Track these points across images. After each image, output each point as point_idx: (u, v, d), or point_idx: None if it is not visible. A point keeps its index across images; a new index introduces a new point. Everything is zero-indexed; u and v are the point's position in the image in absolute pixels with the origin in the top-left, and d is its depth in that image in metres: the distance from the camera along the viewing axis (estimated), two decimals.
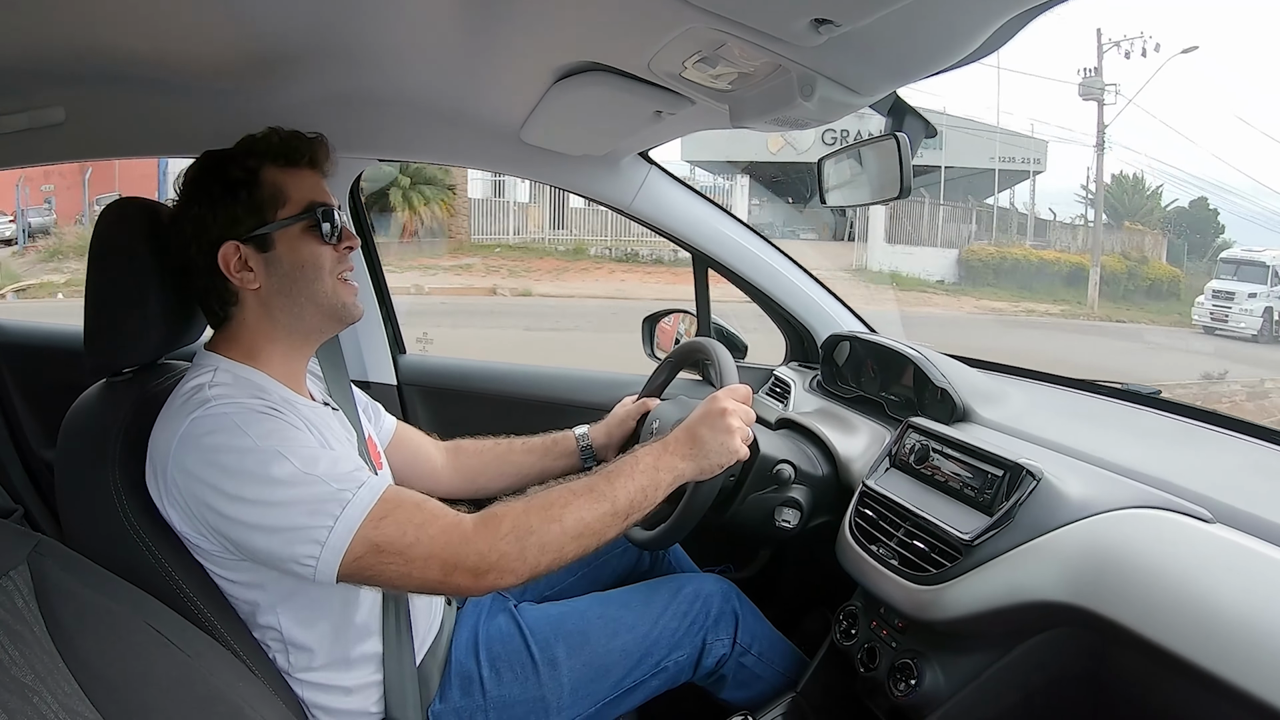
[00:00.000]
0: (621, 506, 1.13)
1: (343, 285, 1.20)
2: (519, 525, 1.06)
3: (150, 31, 1.26)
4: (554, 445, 1.60)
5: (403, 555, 1.01)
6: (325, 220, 1.17)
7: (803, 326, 2.04)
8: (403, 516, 1.02)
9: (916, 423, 1.37)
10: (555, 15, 1.09)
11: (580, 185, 1.92)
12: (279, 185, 1.16)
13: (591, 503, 1.11)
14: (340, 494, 1.00)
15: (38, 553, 0.93)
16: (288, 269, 1.16)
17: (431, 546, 1.02)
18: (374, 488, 1.03)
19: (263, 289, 1.16)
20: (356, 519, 0.99)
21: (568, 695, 1.27)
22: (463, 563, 1.02)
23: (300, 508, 0.99)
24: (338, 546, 0.98)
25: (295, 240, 1.16)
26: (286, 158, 1.17)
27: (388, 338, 2.11)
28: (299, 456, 1.02)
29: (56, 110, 1.56)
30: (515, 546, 1.04)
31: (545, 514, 1.08)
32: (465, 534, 1.04)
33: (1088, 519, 1.03)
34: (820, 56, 0.96)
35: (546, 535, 1.06)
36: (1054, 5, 0.85)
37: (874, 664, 1.26)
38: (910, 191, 1.26)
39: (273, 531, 0.99)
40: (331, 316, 1.21)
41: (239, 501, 0.99)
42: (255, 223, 1.14)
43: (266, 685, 1.07)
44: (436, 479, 1.57)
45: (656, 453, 1.21)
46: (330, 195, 1.22)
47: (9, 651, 0.83)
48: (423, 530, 1.02)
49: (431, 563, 1.02)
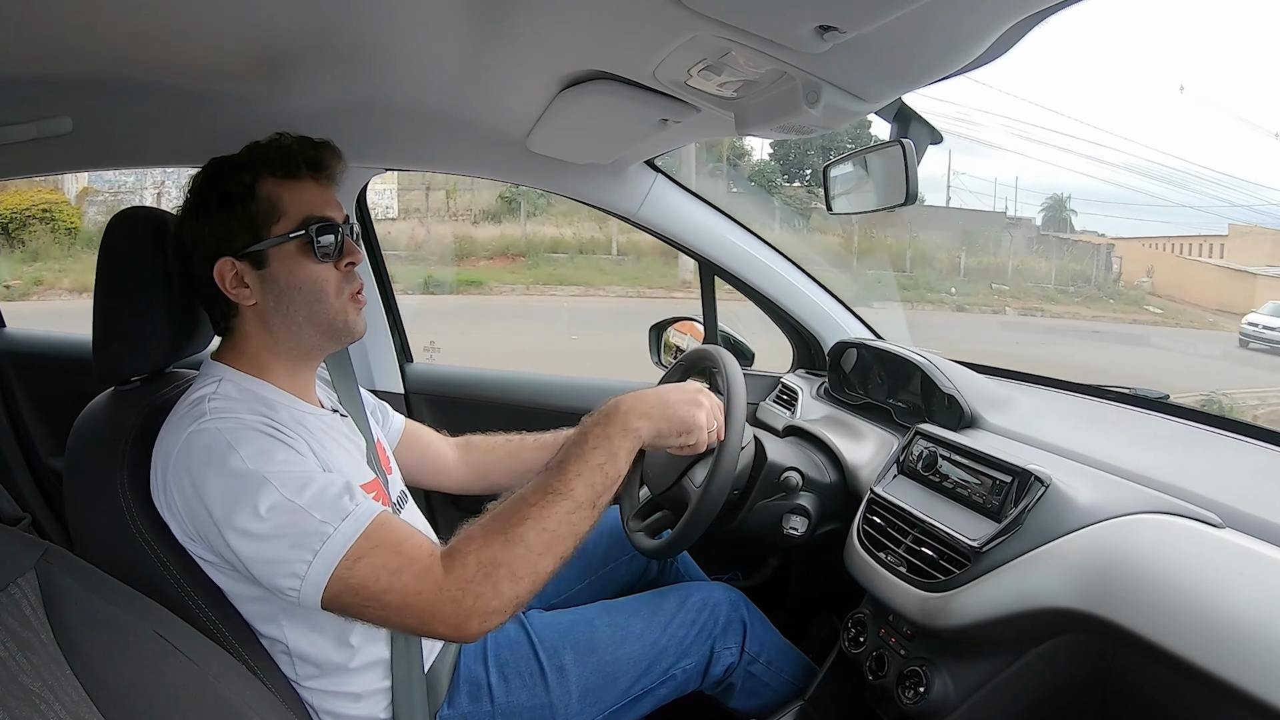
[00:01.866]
0: (583, 497, 1.07)
1: (351, 304, 1.18)
2: (484, 560, 1.00)
3: (157, 39, 1.27)
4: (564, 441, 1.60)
5: (378, 601, 0.98)
6: (322, 236, 1.14)
7: (809, 333, 2.04)
8: (378, 560, 0.98)
9: (924, 429, 1.37)
10: (561, 24, 1.09)
11: (586, 194, 1.92)
12: (274, 199, 1.13)
13: (549, 507, 1.05)
14: (322, 528, 0.98)
15: (45, 560, 0.93)
16: (284, 288, 1.14)
17: (405, 595, 0.98)
18: (358, 520, 1.00)
19: (259, 306, 1.14)
20: (334, 557, 0.97)
21: (576, 703, 1.27)
22: (439, 614, 0.99)
23: (283, 541, 0.98)
24: (317, 581, 0.97)
25: (291, 258, 1.13)
26: (284, 169, 1.14)
27: (395, 347, 2.12)
28: (287, 484, 1.00)
29: (64, 120, 1.56)
30: (488, 585, 0.99)
31: (505, 539, 1.02)
32: (437, 581, 0.99)
33: (1096, 525, 1.03)
34: (825, 63, 0.97)
35: (514, 563, 1.01)
36: (1060, 9, 0.85)
37: (882, 671, 1.25)
38: (916, 198, 1.26)
39: (256, 561, 0.99)
40: (331, 337, 1.19)
41: (228, 527, 0.99)
42: (250, 239, 1.12)
43: (274, 693, 1.07)
44: (448, 475, 1.57)
45: (606, 417, 1.15)
46: (333, 207, 1.18)
47: (16, 659, 0.83)
48: (396, 577, 0.98)
49: (408, 613, 0.99)
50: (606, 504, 1.11)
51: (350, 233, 1.19)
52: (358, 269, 1.20)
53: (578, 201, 1.94)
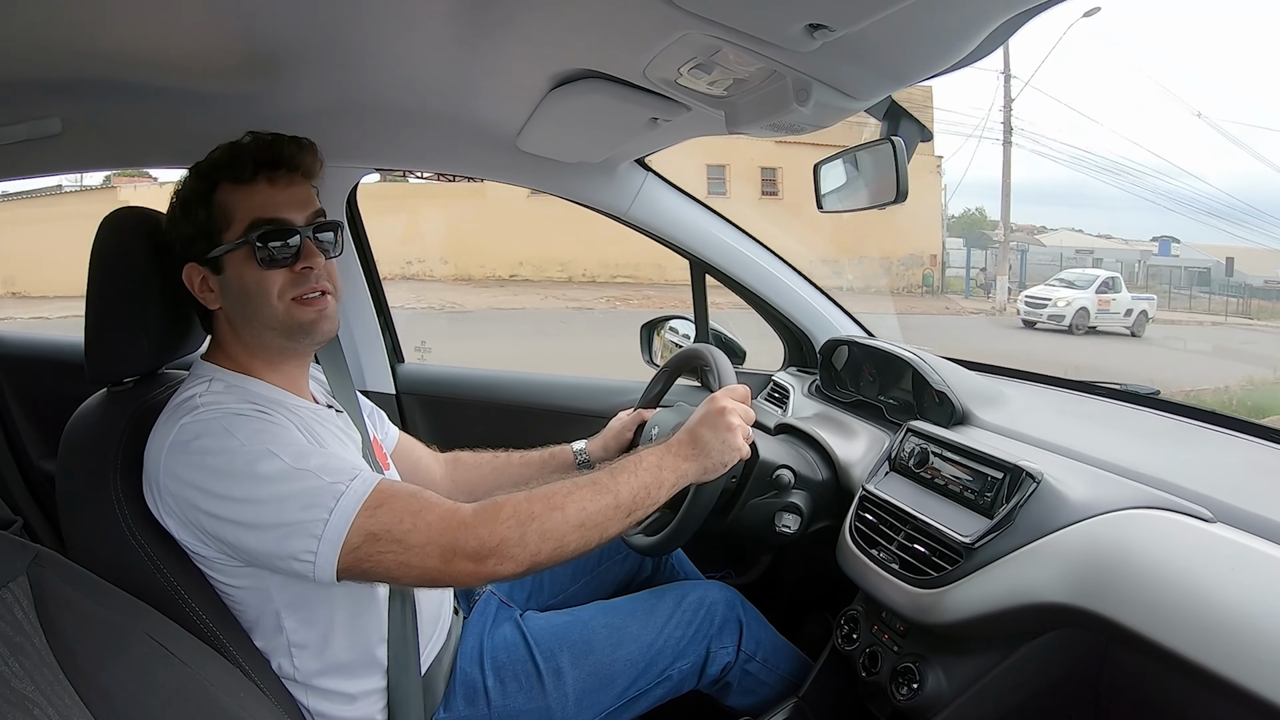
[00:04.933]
0: (625, 500, 1.11)
1: (297, 306, 1.14)
2: (520, 511, 1.04)
3: (146, 40, 1.26)
4: (551, 459, 1.59)
5: (400, 542, 0.99)
6: (270, 241, 1.11)
7: (800, 331, 2.05)
8: (399, 505, 1.01)
9: (916, 426, 1.37)
10: (551, 23, 1.09)
11: (577, 192, 1.92)
12: (227, 205, 1.12)
13: (594, 494, 1.09)
14: (334, 486, 0.99)
15: (37, 564, 0.92)
16: (236, 293, 1.13)
17: (429, 533, 1.00)
18: (367, 479, 1.02)
19: (224, 309, 1.16)
20: (352, 509, 0.98)
21: (572, 705, 1.26)
22: (462, 548, 1.01)
23: (294, 502, 0.98)
24: (334, 539, 0.97)
25: (240, 264, 1.12)
26: (235, 173, 1.13)
27: (386, 347, 2.12)
28: (289, 453, 1.01)
29: (53, 121, 1.55)
30: (516, 532, 1.02)
31: (547, 502, 1.06)
32: (464, 520, 1.02)
33: (1088, 520, 1.03)
34: (815, 61, 0.97)
35: (548, 522, 1.05)
36: (1048, 7, 0.85)
37: (876, 668, 1.25)
38: (907, 196, 1.26)
39: (266, 529, 0.98)
40: (289, 337, 1.16)
41: (230, 501, 0.99)
42: (207, 246, 1.13)
43: (268, 695, 1.07)
44: (435, 490, 1.57)
45: (659, 453, 1.19)
46: (291, 208, 1.14)
47: (9, 663, 0.82)
48: (419, 517, 1.01)
49: (430, 549, 1.00)
50: (638, 520, 1.15)
51: (324, 230, 1.17)
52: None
53: (569, 200, 1.94)
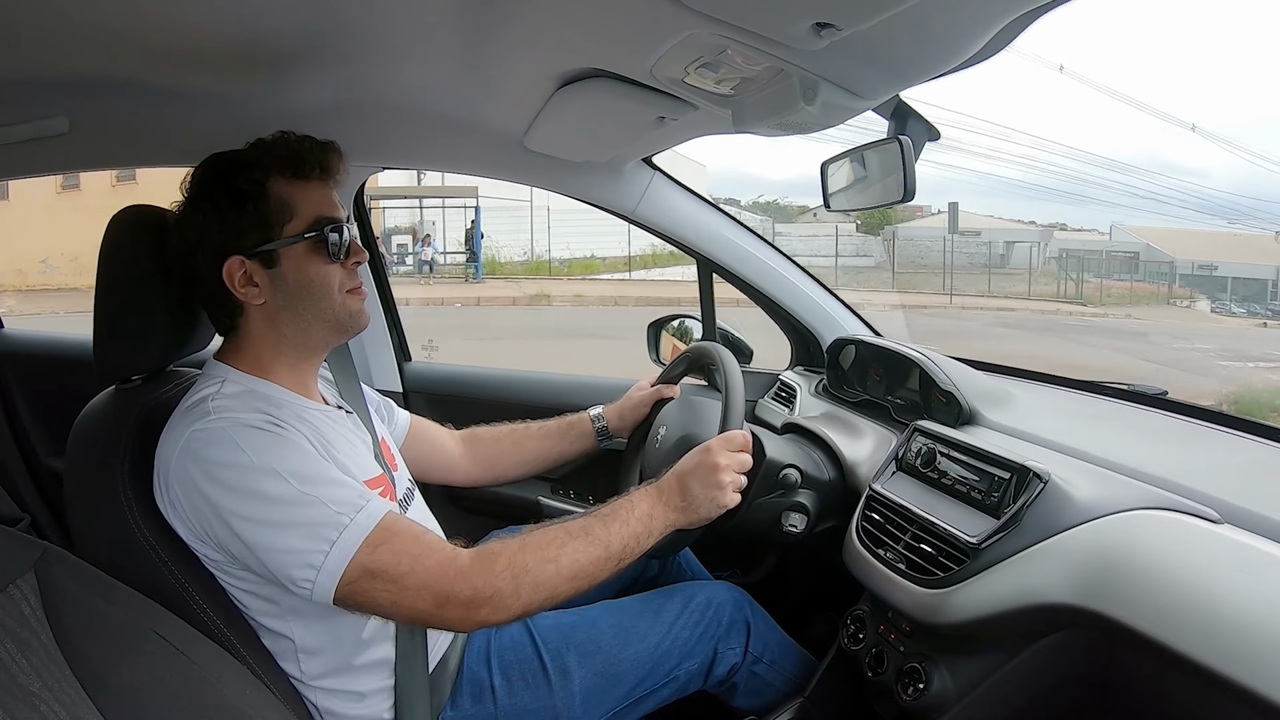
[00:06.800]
0: (615, 551, 1.15)
1: (351, 297, 1.19)
2: (515, 563, 1.06)
3: (153, 39, 1.26)
4: (569, 428, 1.61)
5: (396, 583, 1.01)
6: (334, 236, 1.15)
7: (807, 330, 2.04)
8: (399, 546, 1.02)
9: (923, 426, 1.37)
10: (558, 22, 1.09)
11: (584, 192, 1.92)
12: (286, 199, 1.13)
13: (586, 546, 1.12)
14: (338, 518, 1.00)
15: (44, 561, 0.93)
16: (293, 287, 1.14)
17: (426, 577, 1.02)
18: (372, 513, 1.02)
19: (268, 304, 1.15)
20: (353, 545, 0.99)
21: (579, 705, 1.26)
22: (456, 596, 1.02)
23: (297, 531, 0.99)
24: (333, 571, 0.99)
25: (301, 258, 1.14)
26: (295, 169, 1.14)
27: (393, 345, 2.12)
28: (297, 475, 1.01)
29: (60, 120, 1.56)
30: (510, 584, 1.05)
31: (541, 554, 1.08)
32: (461, 568, 1.04)
33: (1095, 521, 1.03)
34: (822, 60, 0.96)
35: (541, 575, 1.07)
36: (1056, 6, 0.85)
37: (882, 668, 1.25)
38: (914, 195, 1.25)
39: (270, 552, 1.00)
40: (339, 330, 1.20)
41: (237, 519, 1.00)
42: (260, 238, 1.12)
43: (276, 694, 1.07)
44: (454, 469, 1.58)
45: (651, 501, 1.22)
46: (339, 207, 1.18)
47: (16, 660, 0.83)
48: (419, 561, 1.02)
49: (424, 593, 1.02)
50: (626, 565, 1.18)
51: (351, 228, 1.20)
52: (364, 266, 1.21)
53: (576, 199, 1.94)
